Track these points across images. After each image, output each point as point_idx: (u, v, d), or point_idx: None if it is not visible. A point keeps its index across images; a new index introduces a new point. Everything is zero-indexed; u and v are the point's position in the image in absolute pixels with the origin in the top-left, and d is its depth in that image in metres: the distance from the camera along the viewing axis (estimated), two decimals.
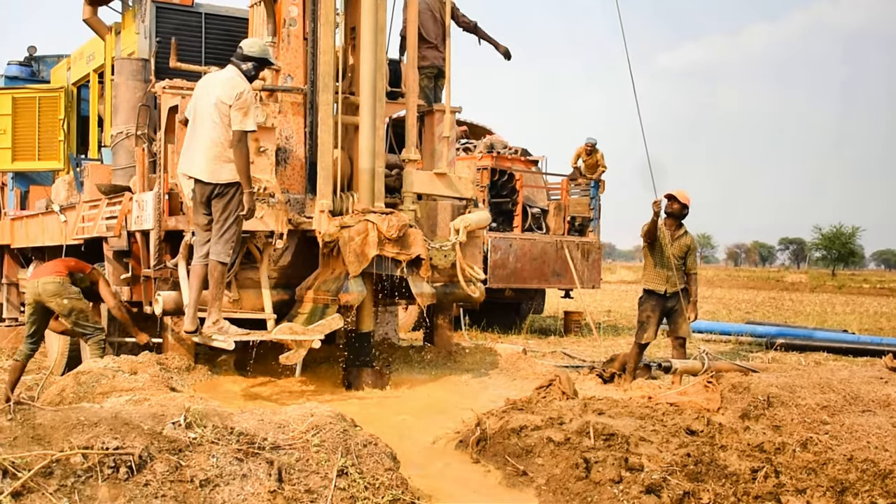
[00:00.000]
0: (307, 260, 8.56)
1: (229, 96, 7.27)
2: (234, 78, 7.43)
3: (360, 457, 4.71)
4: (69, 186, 10.84)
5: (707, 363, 10.27)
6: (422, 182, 9.24)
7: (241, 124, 7.27)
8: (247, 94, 7.35)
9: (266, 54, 7.61)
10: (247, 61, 7.50)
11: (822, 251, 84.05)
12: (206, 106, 7.41)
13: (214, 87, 7.45)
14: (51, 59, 13.71)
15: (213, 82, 7.52)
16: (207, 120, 7.36)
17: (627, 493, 4.91)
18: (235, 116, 7.26)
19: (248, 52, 7.51)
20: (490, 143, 17.27)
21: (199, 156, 7.38)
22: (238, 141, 7.28)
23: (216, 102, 7.32)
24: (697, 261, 9.93)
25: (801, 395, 6.36)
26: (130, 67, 9.17)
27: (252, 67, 7.52)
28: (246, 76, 7.48)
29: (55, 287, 8.31)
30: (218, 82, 7.47)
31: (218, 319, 7.46)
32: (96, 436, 4.12)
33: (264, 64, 7.66)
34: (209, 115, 7.35)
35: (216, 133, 7.31)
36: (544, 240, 16.16)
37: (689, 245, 10.01)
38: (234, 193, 7.37)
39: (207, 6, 10.11)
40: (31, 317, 8.53)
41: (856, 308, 28.76)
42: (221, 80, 7.48)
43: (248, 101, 7.32)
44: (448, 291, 8.92)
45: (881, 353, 13.30)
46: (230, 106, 7.25)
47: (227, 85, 7.36)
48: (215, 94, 7.37)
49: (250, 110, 7.35)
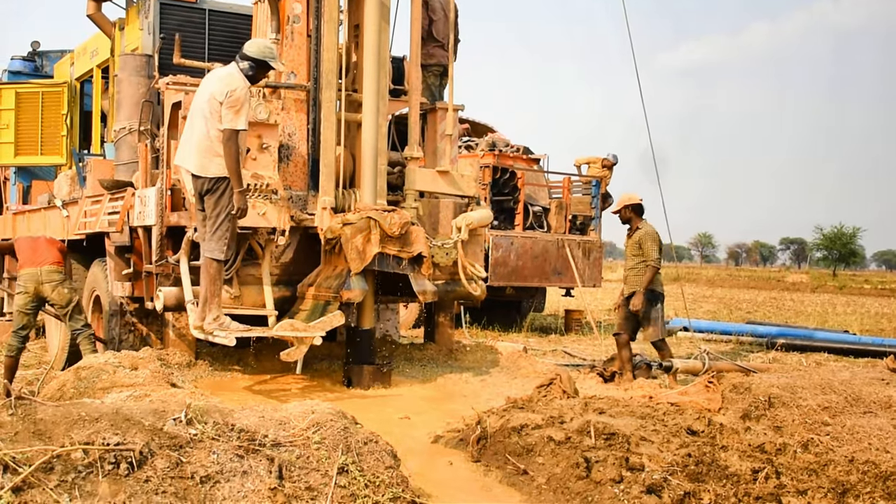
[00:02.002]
0: (309, 257, 8.56)
1: (221, 93, 7.24)
2: (232, 75, 7.39)
3: (361, 454, 4.70)
4: (71, 181, 10.84)
5: (708, 363, 10.28)
6: (424, 180, 9.24)
7: (230, 122, 7.22)
8: (239, 91, 7.27)
9: (264, 56, 7.46)
10: (244, 60, 7.43)
11: (824, 251, 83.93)
12: (200, 100, 7.42)
13: (212, 82, 7.44)
14: (54, 54, 13.72)
15: (212, 77, 7.52)
16: (199, 114, 7.36)
17: (628, 492, 4.90)
18: (226, 114, 7.22)
19: (245, 51, 7.45)
20: (492, 141, 17.26)
21: (192, 148, 7.40)
22: (227, 139, 7.23)
23: (209, 98, 7.30)
24: (653, 251, 9.69)
25: (802, 395, 6.36)
26: (134, 63, 9.17)
27: (248, 67, 7.42)
28: (245, 75, 7.44)
29: (59, 276, 8.26)
30: (216, 78, 7.46)
31: (219, 316, 7.46)
32: (97, 431, 4.12)
33: (263, 66, 7.52)
34: (201, 109, 7.35)
35: (206, 127, 7.32)
36: (545, 238, 16.14)
37: (639, 239, 9.82)
38: (224, 189, 7.34)
39: (211, 3, 10.11)
40: (27, 306, 8.42)
41: (857, 309, 28.73)
42: (219, 75, 7.46)
43: (240, 100, 7.25)
44: (449, 289, 8.93)
45: (882, 354, 13.28)
46: (221, 103, 7.22)
47: (223, 81, 7.34)
48: (209, 89, 7.37)
49: (242, 109, 7.27)
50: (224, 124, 7.22)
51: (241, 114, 7.27)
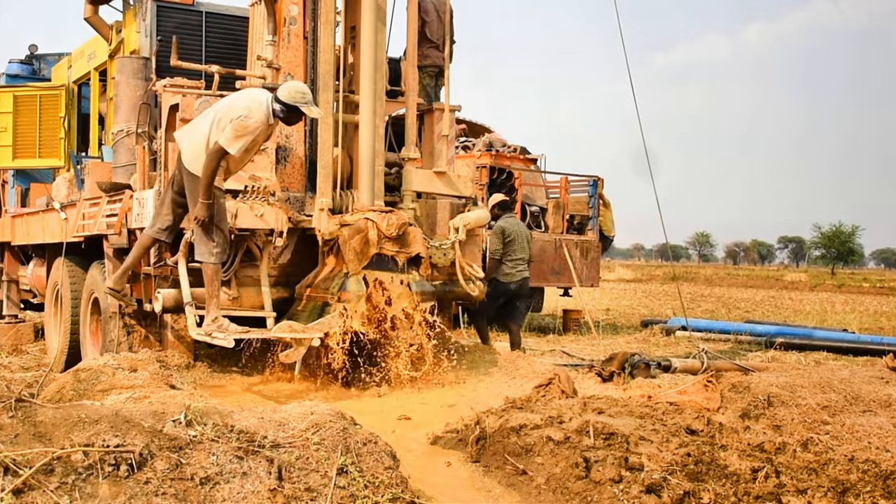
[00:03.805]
0: (307, 258, 8.57)
1: (238, 111, 7.22)
2: (260, 104, 7.30)
3: (360, 455, 4.71)
4: (70, 184, 10.84)
5: (706, 362, 10.29)
6: (421, 180, 9.25)
7: (225, 142, 7.21)
8: (252, 122, 7.23)
9: (294, 101, 7.28)
10: (277, 102, 7.30)
11: (822, 250, 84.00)
12: (221, 104, 7.43)
13: (240, 97, 7.43)
14: (52, 57, 13.71)
15: (246, 94, 7.51)
16: (212, 115, 7.37)
17: (627, 492, 4.91)
18: (227, 132, 7.21)
19: (278, 93, 7.32)
20: (489, 142, 17.28)
21: (191, 141, 7.44)
22: (213, 152, 7.24)
23: (227, 108, 7.31)
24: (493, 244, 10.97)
25: (801, 394, 6.37)
26: (131, 66, 9.17)
27: (280, 110, 7.31)
28: (276, 116, 7.34)
29: None
30: (247, 96, 7.43)
31: (217, 317, 7.47)
32: (97, 433, 4.12)
33: (294, 111, 7.34)
34: (216, 112, 7.36)
35: (208, 131, 7.33)
36: (543, 238, 16.15)
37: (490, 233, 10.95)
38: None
39: (208, 5, 10.11)
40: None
41: (856, 307, 28.74)
42: (250, 96, 7.41)
43: (247, 129, 7.23)
44: (447, 290, 8.93)
45: (881, 352, 13.30)
46: (231, 119, 7.21)
47: (246, 103, 7.30)
48: (234, 101, 7.37)
49: (243, 137, 7.24)
50: (220, 139, 7.22)
51: (239, 140, 7.24)
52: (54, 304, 10.38)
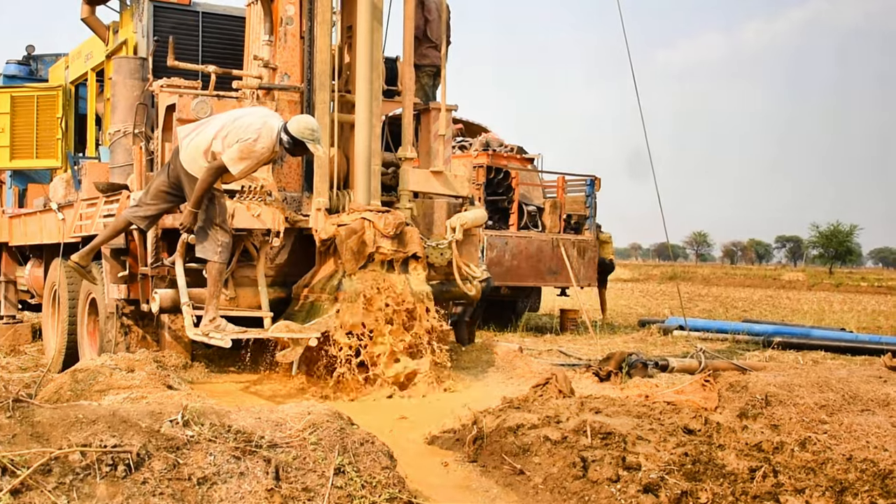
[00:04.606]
0: (304, 258, 8.57)
1: (247, 133, 7.20)
2: (271, 129, 7.25)
3: (357, 455, 4.70)
4: (67, 185, 10.83)
5: (704, 362, 10.29)
6: (418, 180, 9.25)
7: (229, 160, 7.20)
8: (259, 147, 7.21)
9: (302, 136, 7.18)
10: (286, 133, 7.22)
11: (820, 249, 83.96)
12: (230, 116, 7.41)
13: (254, 116, 7.37)
14: (49, 57, 13.69)
15: (260, 114, 7.45)
16: (219, 123, 7.34)
17: (625, 492, 4.91)
18: (233, 151, 7.18)
19: (288, 125, 7.23)
20: (486, 141, 17.27)
21: (193, 140, 7.42)
22: (214, 167, 7.24)
23: (236, 123, 7.27)
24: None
25: (799, 394, 6.37)
26: (128, 66, 9.16)
27: (287, 141, 7.22)
28: (283, 146, 7.28)
29: None
30: (260, 119, 7.34)
31: (215, 317, 7.47)
32: (94, 433, 4.12)
33: (300, 144, 7.24)
34: (223, 123, 7.33)
35: (211, 139, 7.30)
36: (540, 238, 16.15)
37: None
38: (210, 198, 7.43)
39: (205, 5, 10.11)
40: None
41: (853, 306, 28.76)
42: (265, 120, 7.34)
43: (253, 154, 7.22)
44: (444, 289, 8.93)
45: (879, 351, 13.30)
46: (238, 139, 7.18)
47: (257, 125, 7.25)
48: (248, 119, 7.30)
49: (247, 160, 7.24)
50: (224, 157, 7.20)
51: (243, 162, 7.24)
52: (52, 305, 10.37)
